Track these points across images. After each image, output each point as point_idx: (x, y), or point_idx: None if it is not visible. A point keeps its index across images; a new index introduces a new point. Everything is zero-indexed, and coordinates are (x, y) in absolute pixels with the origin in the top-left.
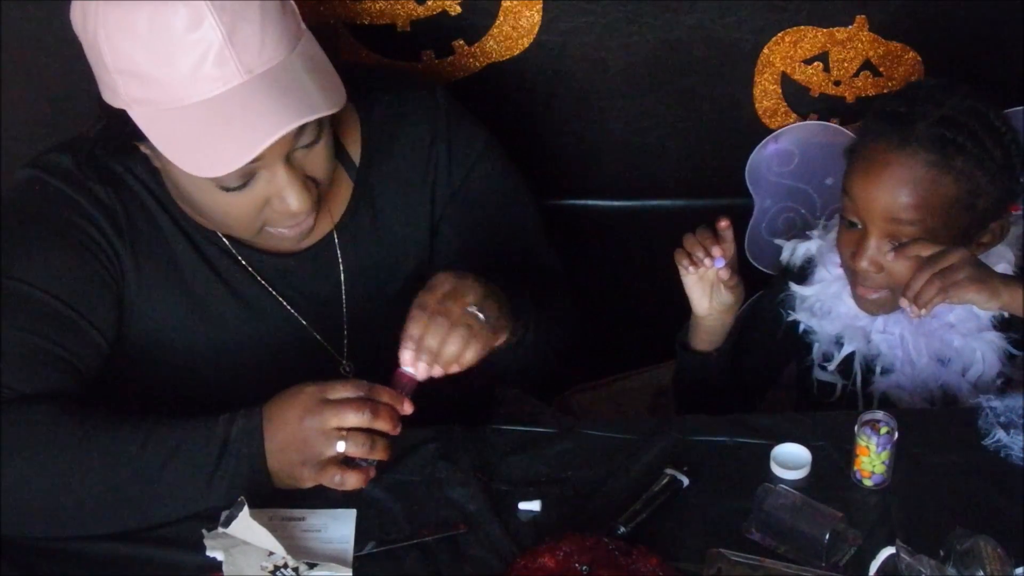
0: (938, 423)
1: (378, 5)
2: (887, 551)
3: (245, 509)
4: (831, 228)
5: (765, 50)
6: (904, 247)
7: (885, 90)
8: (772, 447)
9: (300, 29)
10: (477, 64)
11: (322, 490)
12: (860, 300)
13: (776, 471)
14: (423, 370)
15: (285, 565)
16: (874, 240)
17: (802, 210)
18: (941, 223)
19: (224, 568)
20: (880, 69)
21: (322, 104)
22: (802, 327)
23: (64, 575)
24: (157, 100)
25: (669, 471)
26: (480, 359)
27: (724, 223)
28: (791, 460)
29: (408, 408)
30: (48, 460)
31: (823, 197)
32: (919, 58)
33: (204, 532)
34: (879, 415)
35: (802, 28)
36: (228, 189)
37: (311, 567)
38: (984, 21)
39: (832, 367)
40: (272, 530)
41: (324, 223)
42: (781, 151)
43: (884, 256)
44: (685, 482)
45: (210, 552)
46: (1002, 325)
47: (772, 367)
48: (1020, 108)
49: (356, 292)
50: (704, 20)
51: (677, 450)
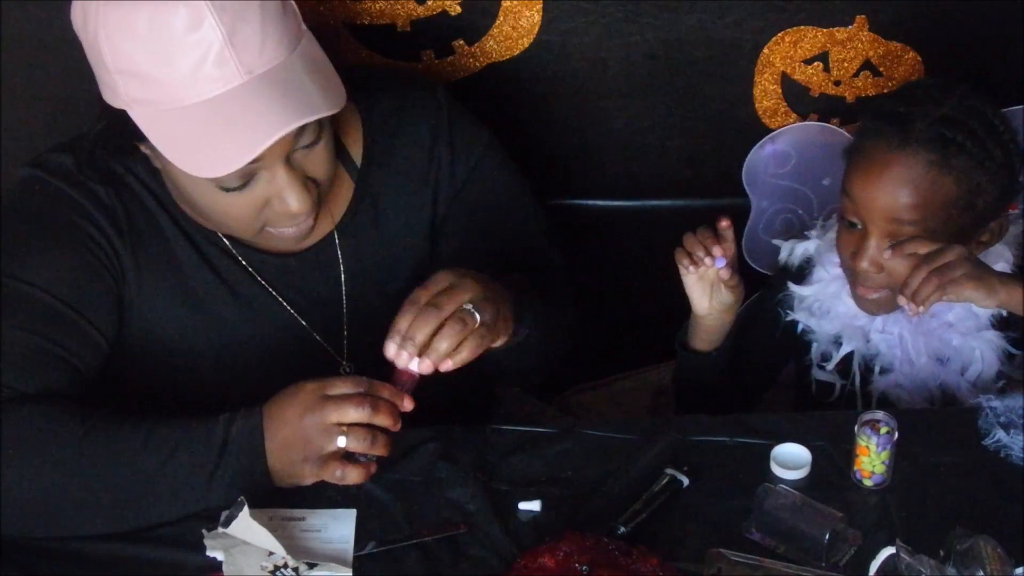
0: (938, 423)
1: (378, 5)
2: (887, 551)
3: (245, 509)
4: (829, 228)
5: (765, 50)
6: (901, 245)
7: (885, 90)
8: (772, 447)
9: (301, 30)
10: (477, 64)
11: (322, 490)
12: (860, 300)
13: (776, 471)
14: (405, 359)
15: (285, 565)
16: (874, 240)
17: (799, 211)
18: (941, 222)
19: (224, 568)
20: (880, 69)
21: (322, 105)
22: (801, 327)
23: (64, 575)
24: (157, 100)
25: (669, 471)
26: (476, 358)
27: (725, 223)
28: (791, 460)
29: (408, 404)
30: (48, 460)
31: (820, 198)
32: (919, 58)
33: (204, 532)
34: (879, 415)
35: (802, 28)
36: (228, 189)
37: (311, 567)
38: (984, 21)
39: (831, 367)
40: (272, 530)
41: (325, 223)
42: (778, 152)
43: (884, 256)
44: (685, 482)
45: (210, 552)
46: (1001, 324)
47: (771, 367)
48: (1020, 107)
49: (356, 292)
50: (704, 20)
51: (677, 450)
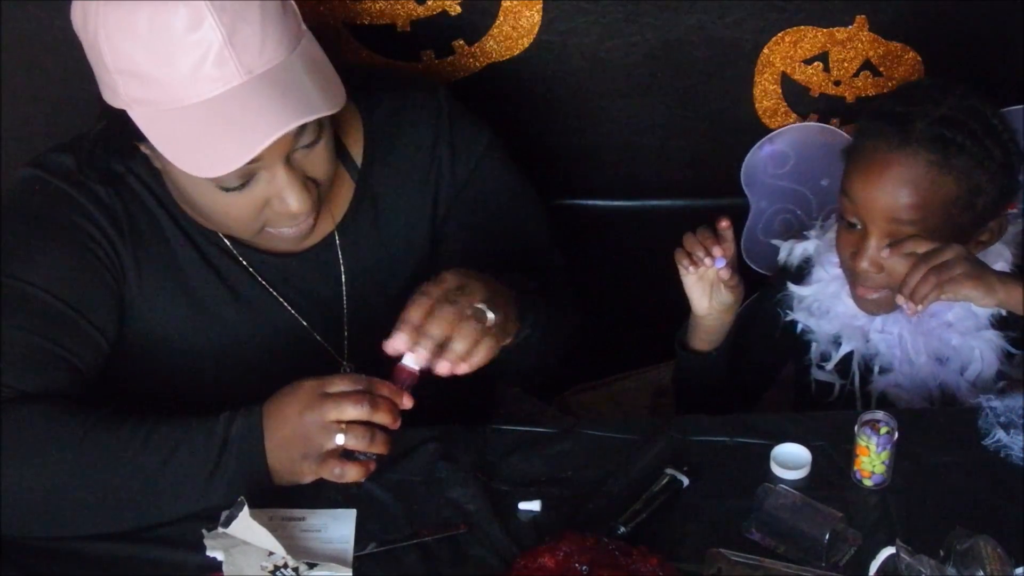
0: (938, 423)
1: (378, 5)
2: (887, 551)
3: (245, 509)
4: (828, 228)
5: (765, 50)
6: (899, 244)
7: (885, 90)
8: (772, 447)
9: (300, 30)
10: (477, 64)
11: (322, 490)
12: (860, 300)
13: (776, 471)
14: (421, 357)
15: (285, 565)
16: (875, 240)
17: (798, 211)
18: (941, 222)
19: (224, 568)
20: (880, 69)
21: (322, 104)
22: (800, 327)
23: (64, 575)
24: (157, 100)
25: (669, 471)
26: (490, 359)
27: (725, 223)
28: (791, 460)
29: (408, 402)
30: (48, 460)
31: (819, 198)
32: (919, 58)
33: (204, 532)
34: (879, 415)
35: (802, 28)
36: (228, 189)
37: (311, 567)
38: (984, 21)
39: (830, 367)
40: (272, 530)
41: (325, 223)
42: (776, 153)
43: (883, 255)
44: (685, 482)
45: (210, 552)
46: (1000, 323)
47: (770, 367)
48: (1020, 107)
49: (357, 292)
50: (704, 20)
51: (677, 450)
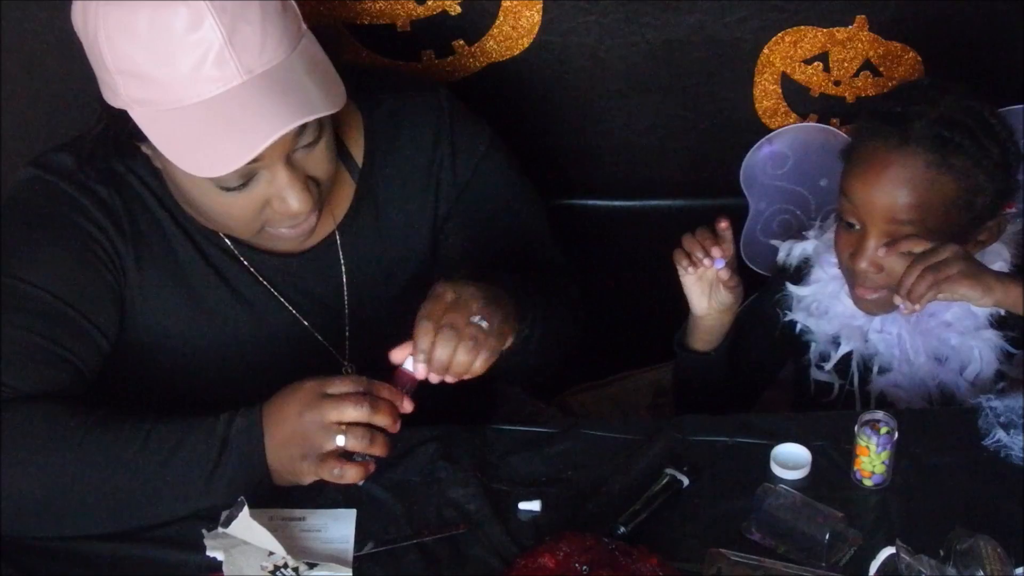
0: (938, 423)
1: (378, 5)
2: (887, 551)
3: (245, 509)
4: (827, 229)
5: (765, 50)
6: (896, 243)
7: (885, 90)
8: (772, 447)
9: (301, 29)
10: (477, 64)
11: (322, 490)
12: (859, 301)
13: (776, 471)
14: (432, 376)
15: (285, 565)
16: (873, 241)
17: (797, 212)
18: (940, 222)
19: (224, 568)
20: (880, 69)
21: (322, 104)
22: (799, 327)
23: (64, 575)
24: (157, 100)
25: (669, 471)
26: (489, 366)
27: (724, 223)
28: (791, 460)
29: (408, 406)
30: (48, 459)
31: (817, 198)
32: (919, 58)
33: (204, 532)
34: (879, 415)
35: (802, 28)
36: (228, 189)
37: (311, 567)
38: (984, 21)
39: (829, 366)
40: (272, 530)
41: (326, 224)
42: (775, 153)
43: (879, 254)
44: (685, 482)
45: (210, 552)
46: (999, 323)
47: (770, 367)
48: (1020, 107)
49: (358, 293)
50: (704, 20)
51: (677, 450)
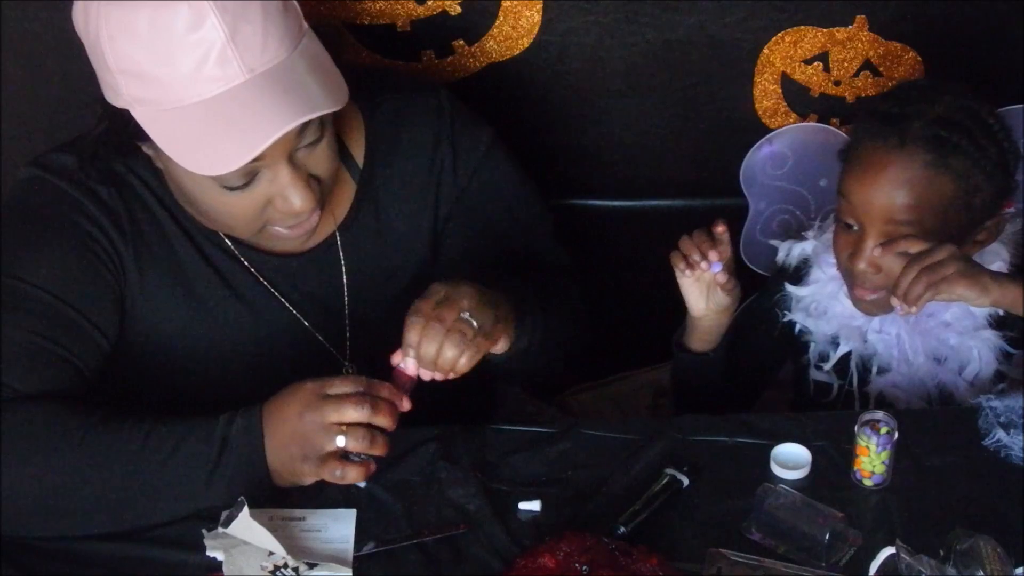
0: (938, 423)
1: (378, 5)
2: (887, 551)
3: (245, 509)
4: (826, 229)
5: (765, 50)
6: (892, 243)
7: (885, 90)
8: (772, 447)
9: (302, 28)
10: (477, 64)
11: (322, 490)
12: (858, 301)
13: (776, 471)
14: (412, 368)
15: (285, 565)
16: (872, 241)
17: (797, 212)
18: (938, 223)
19: (224, 568)
20: (880, 69)
21: (324, 102)
22: (798, 327)
23: (64, 575)
24: (159, 100)
25: (669, 471)
26: (474, 364)
27: (720, 227)
28: (791, 460)
29: (407, 405)
30: (48, 459)
31: (817, 198)
32: (919, 58)
33: (204, 532)
34: (879, 415)
35: (802, 28)
36: (231, 188)
37: (311, 567)
38: (984, 21)
39: (828, 367)
40: (272, 530)
41: (326, 224)
42: (775, 153)
43: (875, 254)
44: (685, 482)
45: (210, 552)
46: (998, 323)
47: (769, 367)
48: (1020, 107)
49: (358, 293)
50: (704, 20)
51: (677, 450)
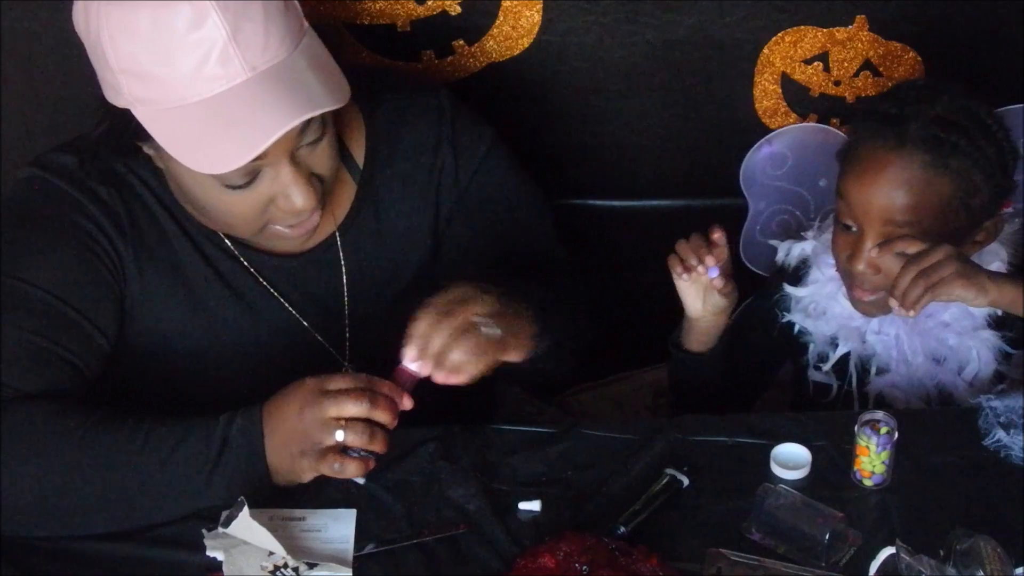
0: (938, 423)
1: (378, 5)
2: (887, 551)
3: (245, 509)
4: (825, 229)
5: (765, 50)
6: (889, 243)
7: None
8: (772, 447)
9: (303, 27)
10: (477, 64)
11: (322, 490)
12: (857, 303)
13: (776, 471)
14: (426, 368)
15: (285, 565)
16: (871, 242)
17: (796, 212)
18: (937, 223)
19: (224, 568)
20: (880, 69)
21: (326, 99)
22: (797, 328)
23: (64, 575)
24: (161, 99)
25: (669, 471)
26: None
27: (717, 234)
28: (791, 460)
29: (408, 403)
30: (48, 459)
31: (816, 199)
32: (919, 58)
33: (204, 532)
34: (879, 415)
35: (802, 28)
36: (233, 187)
37: (311, 567)
38: (984, 21)
39: (827, 367)
40: (272, 530)
41: (326, 224)
42: (774, 154)
43: (872, 254)
44: (685, 482)
45: (210, 552)
46: (997, 323)
47: (768, 367)
48: (1020, 106)
49: (358, 294)
50: (704, 20)
51: (677, 450)
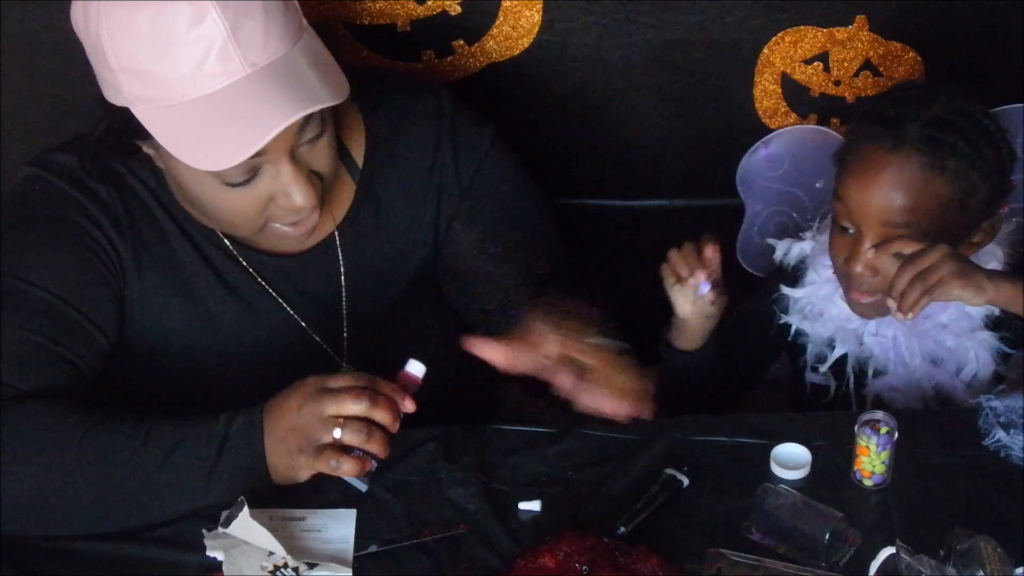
0: (938, 423)
1: (378, 5)
2: (887, 551)
3: (245, 509)
4: (824, 229)
5: (765, 50)
6: (886, 244)
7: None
8: (772, 447)
9: (302, 25)
10: (477, 64)
11: (322, 490)
12: (854, 305)
13: (776, 471)
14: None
15: (285, 565)
16: (868, 244)
17: (793, 213)
18: (934, 224)
19: (224, 568)
20: (880, 69)
21: (326, 95)
22: (794, 329)
23: (64, 575)
24: (160, 97)
25: (669, 471)
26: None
27: (710, 250)
28: (791, 460)
29: (410, 406)
30: (48, 459)
31: (814, 200)
32: (919, 58)
33: (204, 532)
34: (879, 415)
35: (802, 28)
36: (233, 185)
37: (311, 567)
38: (984, 21)
39: (824, 369)
40: (272, 530)
41: (325, 224)
42: (771, 156)
43: (868, 255)
44: (685, 482)
45: (210, 552)
46: (995, 324)
47: (760, 366)
48: (1020, 106)
49: (357, 294)
50: (704, 20)
51: (677, 450)
